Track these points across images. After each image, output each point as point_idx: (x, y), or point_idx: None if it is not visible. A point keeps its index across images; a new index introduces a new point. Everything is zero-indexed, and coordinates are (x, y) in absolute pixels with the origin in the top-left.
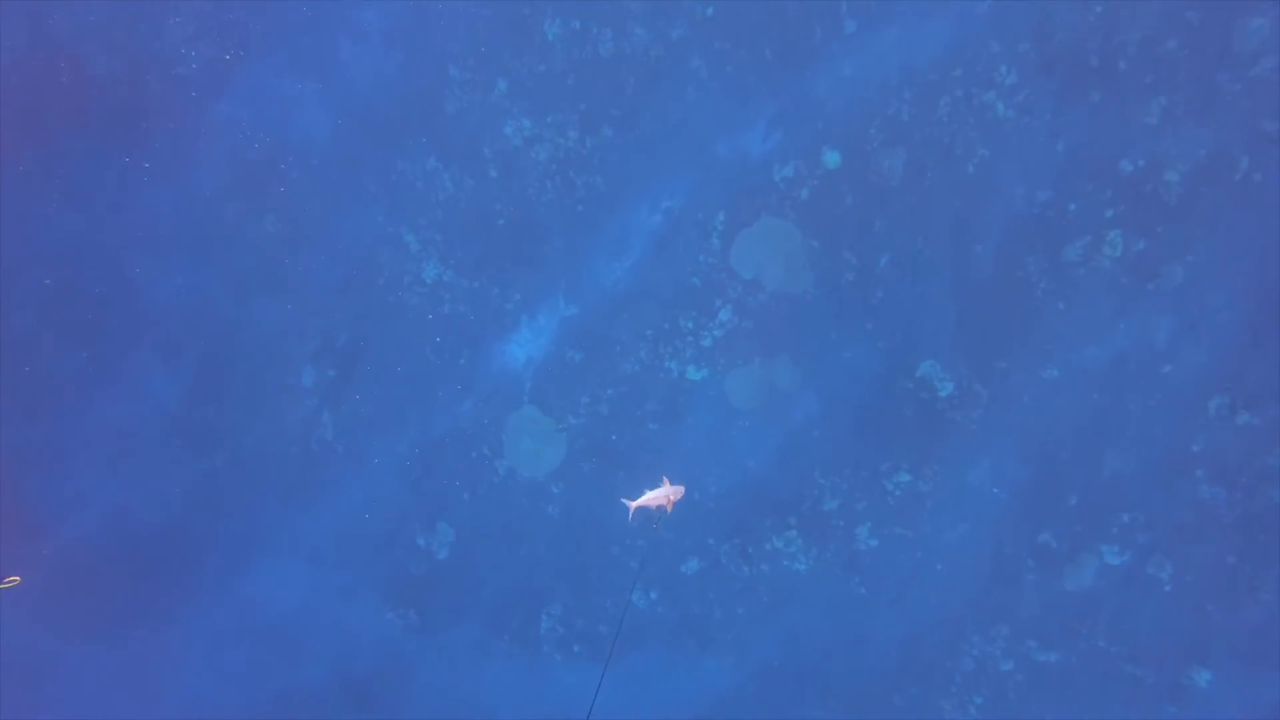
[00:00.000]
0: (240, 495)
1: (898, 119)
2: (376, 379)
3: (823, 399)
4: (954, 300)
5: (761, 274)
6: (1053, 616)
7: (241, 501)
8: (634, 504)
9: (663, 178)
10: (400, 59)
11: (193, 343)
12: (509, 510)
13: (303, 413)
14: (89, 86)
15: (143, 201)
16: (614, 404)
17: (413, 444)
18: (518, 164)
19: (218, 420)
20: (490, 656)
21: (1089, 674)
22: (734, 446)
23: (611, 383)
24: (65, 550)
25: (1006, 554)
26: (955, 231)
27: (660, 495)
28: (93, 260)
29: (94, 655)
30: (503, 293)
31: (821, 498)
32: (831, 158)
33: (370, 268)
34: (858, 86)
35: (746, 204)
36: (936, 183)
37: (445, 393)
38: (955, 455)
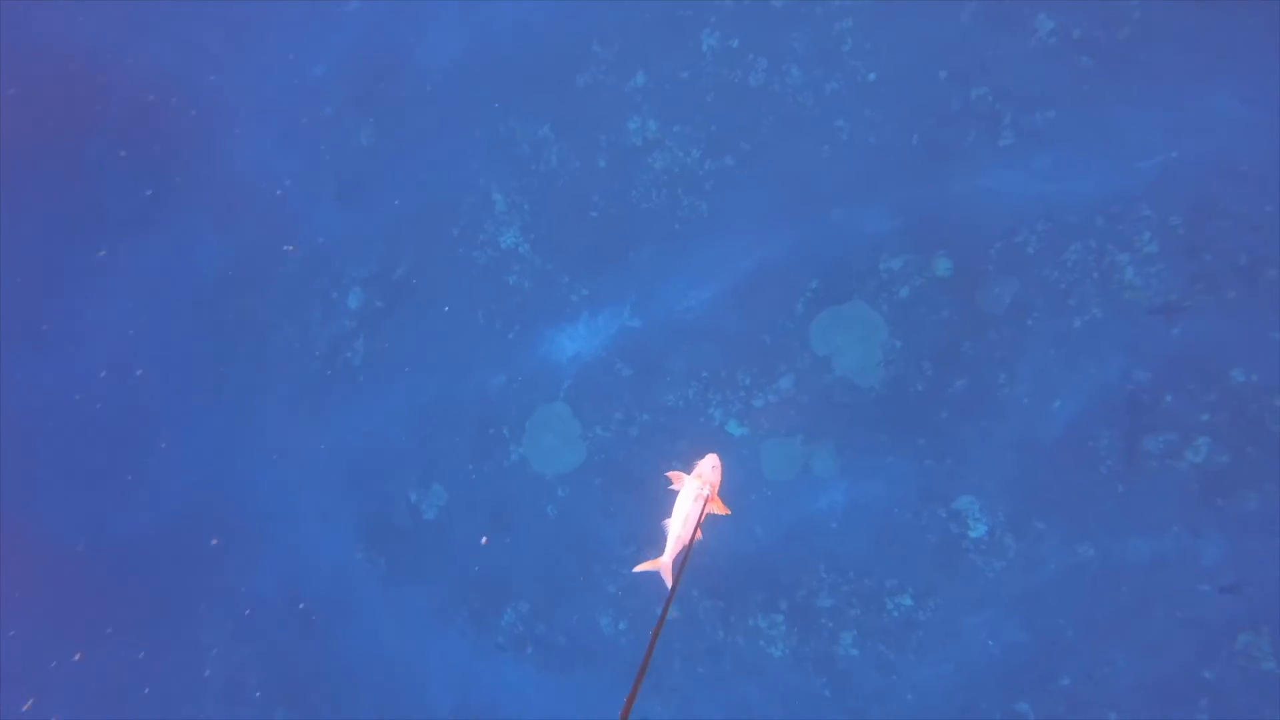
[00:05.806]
0: (248, 386)
1: (1022, 249)
2: (420, 324)
3: (851, 496)
4: (1015, 447)
5: (835, 355)
6: None
7: (246, 393)
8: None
9: (769, 225)
10: (549, 13)
11: (250, 222)
12: (508, 497)
13: (338, 331)
14: None
15: (247, 63)
16: (646, 430)
17: (435, 398)
18: (630, 163)
19: (250, 305)
20: (442, 627)
21: None
22: (749, 511)
23: (650, 409)
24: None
25: (979, 707)
26: (1040, 381)
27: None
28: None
29: None
30: (572, 283)
31: (819, 591)
32: (943, 265)
33: (450, 212)
34: (993, 202)
35: (843, 281)
36: (1039, 326)
37: (483, 361)
38: (962, 596)
